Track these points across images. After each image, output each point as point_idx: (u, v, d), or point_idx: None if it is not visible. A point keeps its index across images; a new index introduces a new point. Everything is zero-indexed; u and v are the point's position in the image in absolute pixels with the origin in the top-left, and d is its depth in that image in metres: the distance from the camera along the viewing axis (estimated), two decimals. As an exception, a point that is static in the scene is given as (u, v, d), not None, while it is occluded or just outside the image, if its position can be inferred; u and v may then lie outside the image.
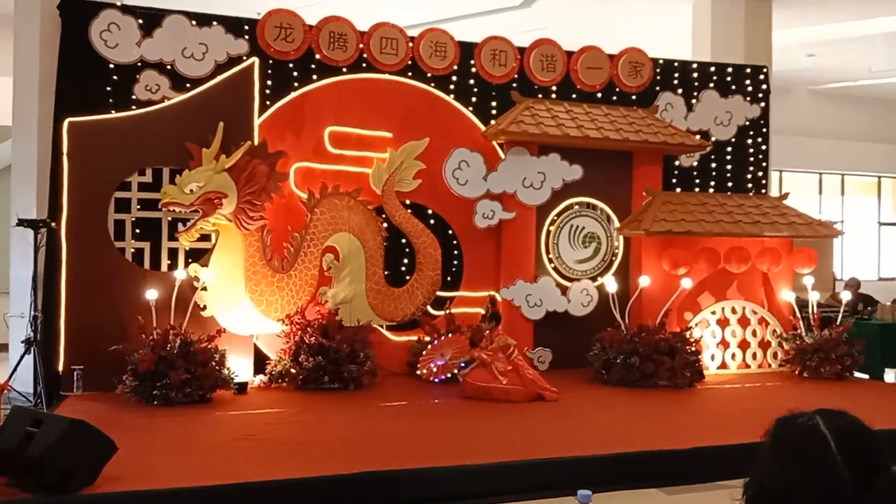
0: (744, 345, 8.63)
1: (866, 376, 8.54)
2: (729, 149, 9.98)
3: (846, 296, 9.15)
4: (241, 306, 7.57)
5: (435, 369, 7.32)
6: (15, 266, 7.68)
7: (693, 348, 7.86)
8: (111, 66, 7.56)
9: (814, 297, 8.73)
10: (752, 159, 10.10)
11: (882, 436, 1.52)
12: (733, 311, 8.62)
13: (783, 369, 8.60)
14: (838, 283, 12.26)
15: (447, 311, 8.43)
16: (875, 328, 8.85)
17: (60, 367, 7.11)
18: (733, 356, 8.60)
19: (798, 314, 8.68)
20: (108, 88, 7.57)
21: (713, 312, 8.55)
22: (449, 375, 7.43)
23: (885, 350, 8.63)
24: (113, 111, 7.50)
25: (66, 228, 7.22)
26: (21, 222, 7.01)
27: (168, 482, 4.50)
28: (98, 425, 4.50)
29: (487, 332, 7.38)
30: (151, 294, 7.06)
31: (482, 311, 7.90)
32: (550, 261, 8.75)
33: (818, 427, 1.48)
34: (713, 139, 9.79)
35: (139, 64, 7.63)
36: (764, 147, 10.15)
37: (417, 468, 4.90)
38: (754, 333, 8.66)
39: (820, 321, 8.56)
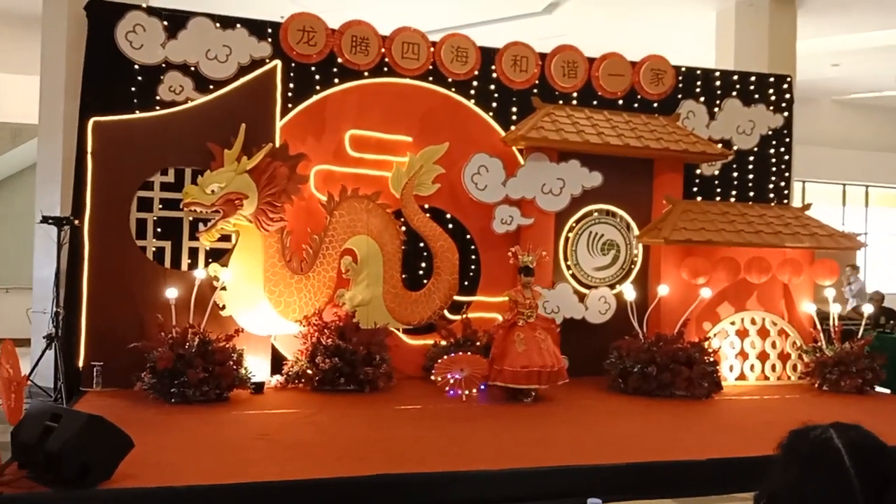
0: (763, 356, 8.55)
1: (888, 391, 8.43)
2: (751, 158, 9.91)
3: (868, 309, 9.04)
4: (260, 307, 7.62)
5: (452, 381, 7.29)
6: (38, 263, 7.80)
7: (711, 359, 7.80)
8: (136, 66, 7.65)
9: (835, 310, 8.63)
10: (774, 169, 10.02)
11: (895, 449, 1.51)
12: (753, 322, 8.55)
13: (802, 382, 8.51)
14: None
15: (464, 316, 8.43)
16: (897, 342, 8.73)
17: (80, 363, 7.20)
18: (752, 367, 8.52)
19: (819, 326, 8.58)
20: (133, 89, 7.66)
21: (732, 323, 8.48)
22: (463, 393, 7.23)
23: (908, 365, 8.51)
24: (137, 111, 7.59)
25: (89, 226, 7.32)
26: (45, 219, 7.12)
27: (183, 479, 4.54)
28: (116, 421, 4.55)
29: (522, 286, 7.33)
30: (171, 293, 7.14)
31: (521, 263, 7.47)
32: (568, 268, 8.74)
33: (832, 440, 1.46)
34: (735, 148, 9.72)
35: (163, 65, 7.72)
36: (786, 157, 10.07)
37: (430, 472, 4.90)
38: (774, 345, 8.58)
39: (841, 334, 8.46)
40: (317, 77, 8.27)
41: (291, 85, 8.12)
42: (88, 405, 6.24)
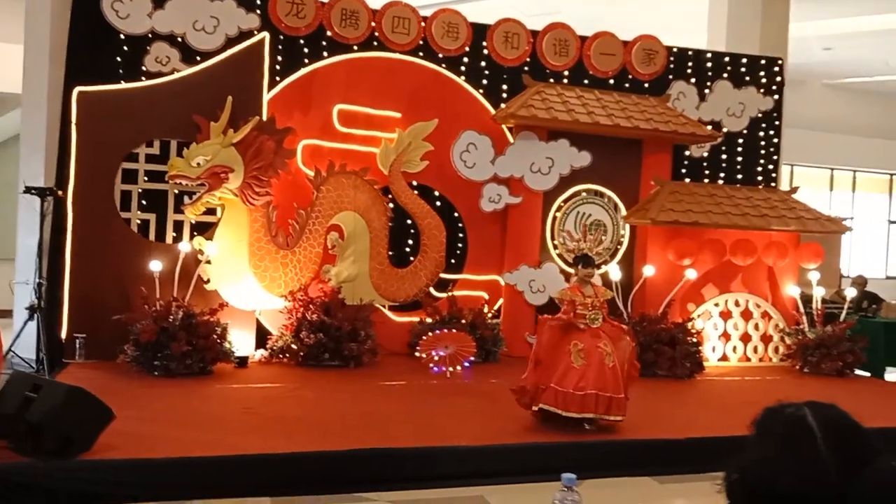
0: (745, 338, 8.62)
1: (868, 374, 8.52)
2: (740, 140, 9.91)
3: (851, 292, 9.11)
4: (245, 281, 7.59)
5: (436, 357, 7.28)
6: (21, 233, 7.72)
7: (694, 339, 7.85)
8: (122, 36, 7.55)
9: (819, 293, 8.68)
10: (763, 152, 10.03)
11: (869, 430, 1.51)
12: (737, 303, 8.60)
13: (784, 364, 8.59)
14: (844, 279, 12.20)
15: (449, 294, 8.43)
16: (879, 326, 8.80)
17: (63, 335, 7.16)
18: (734, 349, 8.59)
19: (802, 309, 8.64)
20: (119, 59, 7.56)
21: (716, 304, 8.53)
22: (448, 370, 7.18)
23: (889, 348, 8.60)
24: (123, 82, 7.50)
25: (73, 197, 7.24)
26: (28, 190, 7.04)
27: (164, 452, 4.53)
28: (98, 393, 4.54)
29: (577, 278, 5.58)
30: (155, 265, 7.09)
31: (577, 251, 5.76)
32: (555, 247, 8.74)
33: (805, 418, 1.47)
34: (724, 130, 9.72)
35: (150, 35, 7.61)
36: (776, 140, 10.08)
37: (412, 447, 4.92)
38: (757, 327, 8.64)
39: (823, 317, 8.52)
40: (305, 50, 8.18)
41: (279, 58, 8.03)
42: (70, 377, 6.20)
